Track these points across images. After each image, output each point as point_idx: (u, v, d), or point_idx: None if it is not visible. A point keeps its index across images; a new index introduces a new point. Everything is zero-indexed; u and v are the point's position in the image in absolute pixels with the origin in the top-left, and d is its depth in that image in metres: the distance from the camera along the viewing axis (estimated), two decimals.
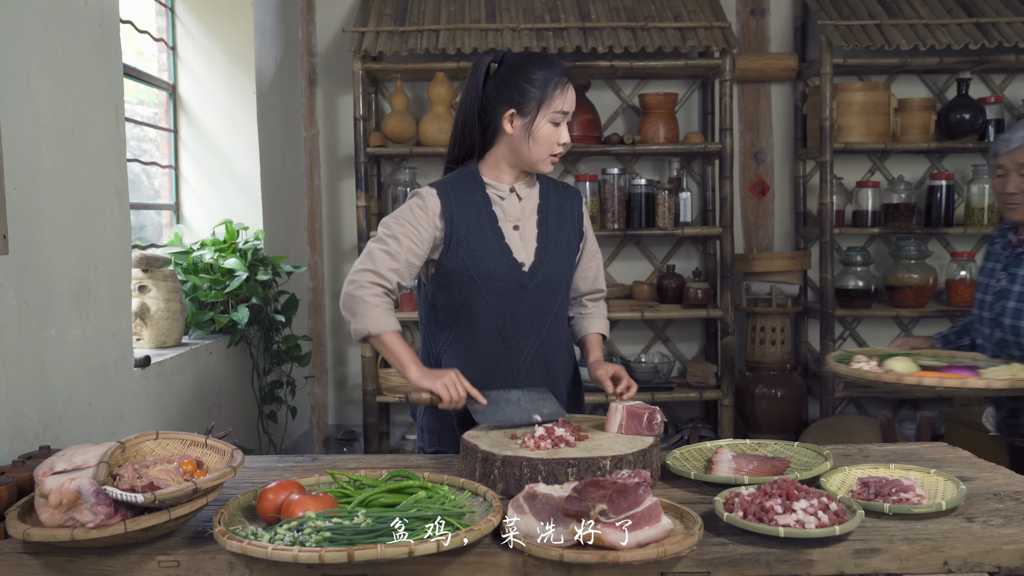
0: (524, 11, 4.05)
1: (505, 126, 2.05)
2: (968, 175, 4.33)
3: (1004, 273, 2.51)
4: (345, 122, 4.41)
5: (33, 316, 1.98)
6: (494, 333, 2.09)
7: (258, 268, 3.37)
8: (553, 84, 2.01)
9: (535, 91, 2.01)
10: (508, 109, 2.03)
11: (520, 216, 2.12)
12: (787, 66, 4.33)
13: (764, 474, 1.79)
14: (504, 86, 2.03)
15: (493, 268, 2.06)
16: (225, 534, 1.41)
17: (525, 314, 2.09)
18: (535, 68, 2.02)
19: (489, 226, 2.08)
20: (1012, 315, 2.44)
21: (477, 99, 2.07)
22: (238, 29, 3.60)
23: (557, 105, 2.01)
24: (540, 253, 2.10)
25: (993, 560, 1.46)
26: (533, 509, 1.47)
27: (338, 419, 4.56)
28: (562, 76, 2.03)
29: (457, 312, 2.10)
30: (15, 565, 1.49)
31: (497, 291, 2.06)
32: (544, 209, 2.14)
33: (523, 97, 2.01)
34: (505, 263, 2.07)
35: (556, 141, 2.04)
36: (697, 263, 4.46)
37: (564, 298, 2.18)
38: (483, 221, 2.07)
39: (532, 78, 2.01)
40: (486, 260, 2.05)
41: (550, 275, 2.11)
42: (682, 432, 4.25)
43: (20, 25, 1.96)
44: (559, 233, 2.14)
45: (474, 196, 2.09)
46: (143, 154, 3.44)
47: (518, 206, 2.12)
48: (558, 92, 2.01)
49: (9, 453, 1.88)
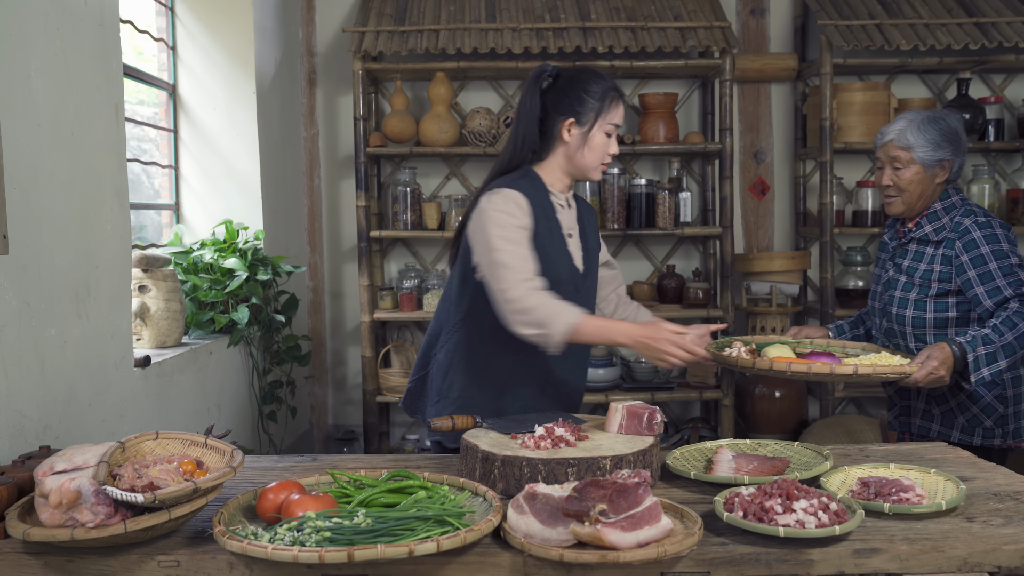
0: (524, 11, 4.05)
1: (563, 134, 2.15)
2: (968, 175, 4.33)
3: (891, 264, 2.56)
4: (345, 122, 4.41)
5: (33, 316, 1.98)
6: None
7: (258, 268, 3.37)
8: (610, 97, 2.14)
9: (594, 102, 2.13)
10: (568, 118, 2.14)
11: (571, 225, 2.24)
12: (787, 66, 4.33)
13: (764, 474, 1.79)
14: (564, 97, 2.14)
15: (559, 271, 2.16)
16: (225, 534, 1.41)
17: None
18: (593, 81, 2.15)
19: (556, 231, 2.19)
20: (898, 304, 2.50)
21: (537, 109, 2.16)
22: (238, 29, 3.60)
23: (612, 117, 2.15)
24: (587, 260, 2.25)
25: (993, 560, 1.46)
26: (533, 509, 1.47)
27: (338, 419, 4.56)
28: (616, 91, 2.17)
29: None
30: (15, 565, 1.49)
31: (559, 293, 2.06)
32: (580, 220, 2.29)
33: (582, 107, 2.13)
34: (567, 267, 2.19)
35: (607, 151, 2.17)
36: (697, 263, 4.46)
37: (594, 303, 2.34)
38: (552, 226, 2.18)
39: (591, 90, 2.14)
40: (557, 263, 2.16)
41: (594, 279, 2.30)
42: (682, 432, 4.25)
43: (20, 25, 1.96)
44: (593, 242, 2.31)
45: (544, 201, 2.18)
46: (143, 154, 3.44)
47: (568, 215, 2.24)
48: (613, 105, 2.15)
49: (9, 453, 1.88)
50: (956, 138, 2.43)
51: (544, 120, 2.16)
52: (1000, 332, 2.26)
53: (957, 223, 2.42)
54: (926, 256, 2.46)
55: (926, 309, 2.44)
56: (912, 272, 2.47)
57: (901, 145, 2.43)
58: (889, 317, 2.53)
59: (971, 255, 2.37)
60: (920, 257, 2.47)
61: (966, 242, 2.38)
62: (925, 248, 2.47)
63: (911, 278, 2.47)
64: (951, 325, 2.43)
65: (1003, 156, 4.36)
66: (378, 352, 4.16)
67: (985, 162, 4.32)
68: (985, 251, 2.36)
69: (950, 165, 2.44)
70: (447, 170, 4.37)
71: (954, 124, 2.44)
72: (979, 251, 2.36)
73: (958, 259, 2.39)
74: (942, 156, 2.42)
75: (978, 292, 2.35)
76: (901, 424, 2.58)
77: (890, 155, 2.46)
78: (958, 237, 2.40)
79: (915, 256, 2.49)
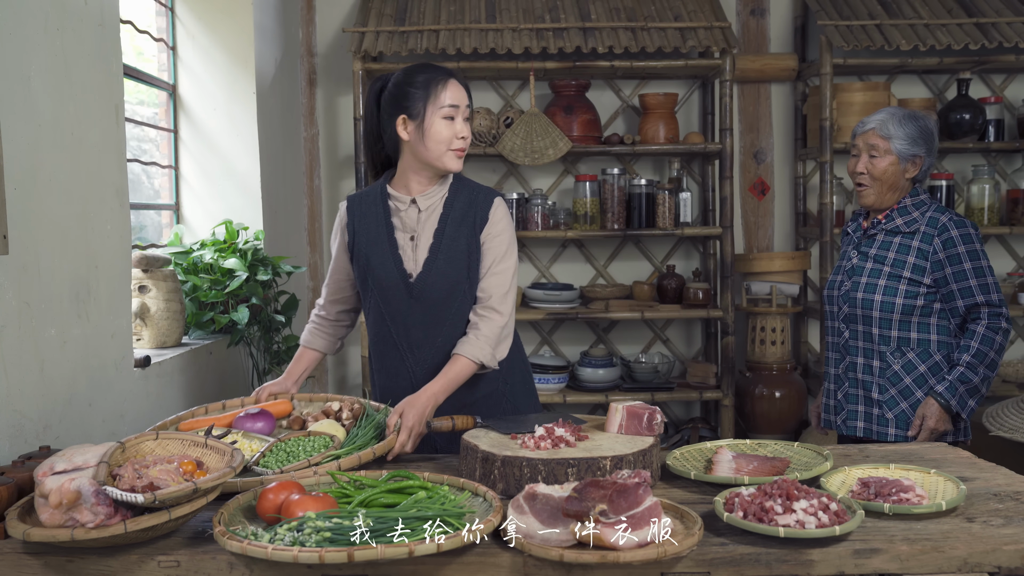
0: (524, 11, 4.05)
1: (401, 133, 2.15)
2: (968, 175, 4.33)
3: (855, 252, 2.63)
4: (345, 122, 4.41)
5: (33, 316, 1.98)
6: (390, 340, 2.22)
7: (258, 268, 3.37)
8: (435, 82, 2.12)
9: (419, 92, 2.11)
10: (399, 115, 2.14)
11: (416, 228, 2.19)
12: (787, 66, 4.33)
13: (764, 474, 1.79)
14: (392, 98, 2.15)
15: (384, 276, 2.17)
16: (225, 534, 1.41)
17: (416, 322, 2.18)
18: (416, 74, 2.14)
19: (386, 236, 2.19)
20: (865, 289, 2.56)
21: (374, 120, 2.21)
22: (238, 29, 3.60)
23: (443, 100, 2.11)
24: (429, 263, 2.15)
25: (993, 560, 1.46)
26: (533, 509, 1.47)
27: None
28: (444, 75, 2.13)
29: (366, 316, 2.27)
30: (15, 565, 1.49)
31: (389, 299, 2.19)
32: (444, 218, 2.18)
33: (409, 101, 2.12)
34: (396, 272, 2.17)
35: (454, 135, 2.12)
36: (697, 263, 4.46)
37: (461, 307, 2.16)
38: (381, 231, 2.20)
39: (415, 82, 2.13)
40: (378, 269, 2.18)
41: (436, 284, 2.14)
42: (682, 432, 4.25)
43: (20, 25, 1.96)
44: (454, 241, 2.15)
45: (377, 207, 2.22)
46: (143, 154, 3.44)
47: (415, 217, 2.19)
48: (441, 87, 2.11)
49: (9, 453, 1.88)
50: (931, 138, 2.55)
51: (384, 128, 2.18)
52: (974, 369, 2.44)
53: (932, 218, 2.52)
54: (895, 245, 2.55)
55: (896, 295, 2.52)
56: (881, 259, 2.55)
57: (881, 134, 2.53)
58: (853, 302, 2.59)
59: (948, 253, 2.48)
60: (888, 246, 2.56)
61: (944, 240, 2.48)
62: (894, 238, 2.56)
63: (880, 264, 2.55)
64: (916, 314, 2.52)
65: (1003, 156, 4.36)
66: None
67: (985, 162, 4.32)
68: (961, 251, 2.47)
69: (921, 163, 2.55)
70: None
71: (931, 126, 2.56)
72: (956, 250, 2.47)
73: (936, 255, 2.49)
74: (916, 152, 2.53)
75: (953, 289, 2.48)
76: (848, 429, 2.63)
77: (869, 143, 2.55)
78: (936, 233, 2.50)
79: (883, 245, 2.57)
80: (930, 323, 2.52)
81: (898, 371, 2.53)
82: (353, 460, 1.82)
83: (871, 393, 2.57)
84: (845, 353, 2.63)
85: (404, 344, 2.19)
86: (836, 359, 2.67)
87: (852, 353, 2.61)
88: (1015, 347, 4.46)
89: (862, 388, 2.59)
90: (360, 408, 2.11)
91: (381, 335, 2.22)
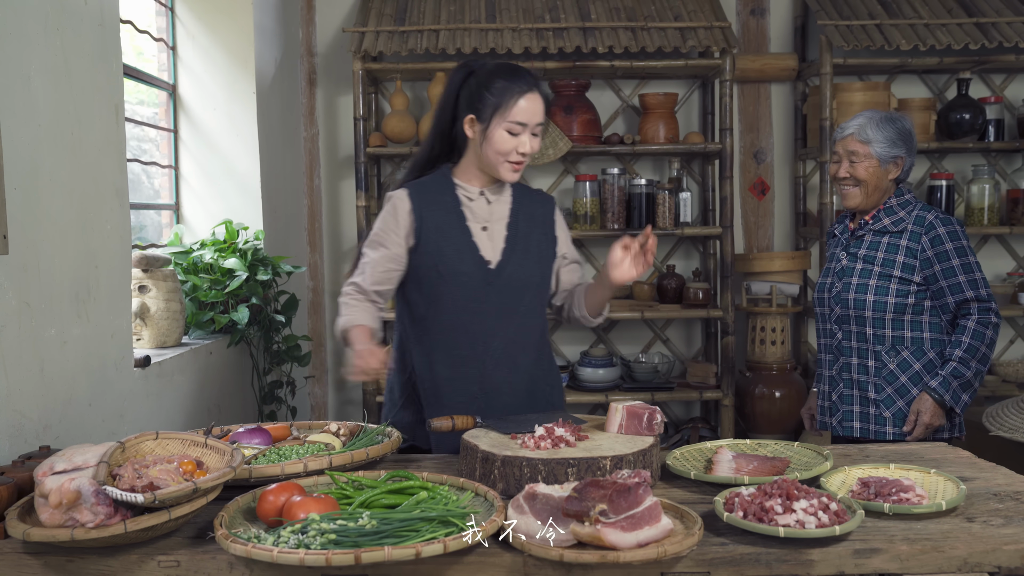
0: (524, 11, 4.05)
1: (467, 131, 2.14)
2: (968, 175, 4.33)
3: (844, 254, 2.66)
4: (345, 122, 4.41)
5: (33, 316, 1.98)
6: (460, 328, 2.16)
7: (258, 268, 3.37)
8: (511, 93, 2.08)
9: (492, 99, 2.09)
10: (468, 114, 2.13)
11: (488, 218, 2.20)
12: (787, 66, 4.33)
13: (764, 474, 1.79)
14: (468, 95, 2.13)
15: (460, 264, 2.14)
16: (228, 537, 1.41)
17: (491, 311, 2.16)
18: (498, 78, 2.10)
19: (457, 224, 2.17)
20: (856, 290, 2.58)
21: (451, 107, 2.17)
22: (238, 29, 3.60)
23: (512, 115, 2.08)
24: (507, 253, 2.18)
25: (993, 560, 1.46)
26: (533, 509, 1.47)
27: (338, 419, 4.56)
28: (524, 88, 2.09)
29: (427, 307, 2.18)
30: (15, 565, 1.49)
31: (463, 286, 2.15)
32: (516, 213, 2.22)
33: (481, 104, 2.10)
34: (472, 260, 2.15)
35: (515, 149, 2.10)
36: (697, 263, 4.46)
37: (533, 299, 2.23)
38: (451, 220, 2.17)
39: (492, 87, 2.10)
40: (452, 257, 2.14)
41: (516, 274, 2.18)
42: (682, 432, 4.25)
43: (20, 25, 1.96)
44: (528, 237, 2.22)
45: (444, 196, 2.19)
46: (143, 154, 3.44)
47: (487, 208, 2.20)
48: (513, 101, 2.08)
49: (9, 453, 1.88)
50: (910, 139, 2.58)
51: (457, 117, 2.17)
52: (966, 363, 2.48)
53: (919, 217, 2.56)
54: (883, 245, 2.57)
55: (887, 294, 2.54)
56: (871, 259, 2.58)
57: (861, 139, 2.56)
58: (845, 303, 2.60)
59: (936, 251, 2.52)
60: (877, 246, 2.58)
61: (932, 238, 2.52)
62: (883, 238, 2.58)
63: (869, 264, 2.58)
64: (909, 312, 2.55)
65: (1003, 156, 4.36)
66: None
67: (985, 162, 4.32)
68: (949, 248, 2.51)
69: (903, 163, 2.58)
70: None
71: (908, 126, 2.59)
72: (944, 247, 2.51)
73: (924, 253, 2.53)
74: (896, 153, 2.55)
75: (943, 286, 2.52)
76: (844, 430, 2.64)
77: (849, 148, 2.58)
78: (924, 232, 2.54)
79: (871, 245, 2.60)
80: (922, 321, 2.55)
81: (893, 370, 2.55)
82: (345, 458, 1.81)
83: (867, 393, 2.58)
84: (839, 354, 2.64)
85: (476, 331, 2.16)
86: (829, 360, 2.68)
87: (846, 354, 2.62)
88: (1015, 347, 4.46)
89: (858, 388, 2.60)
90: (358, 428, 2.09)
91: (451, 325, 2.16)
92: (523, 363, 2.22)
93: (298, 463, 1.75)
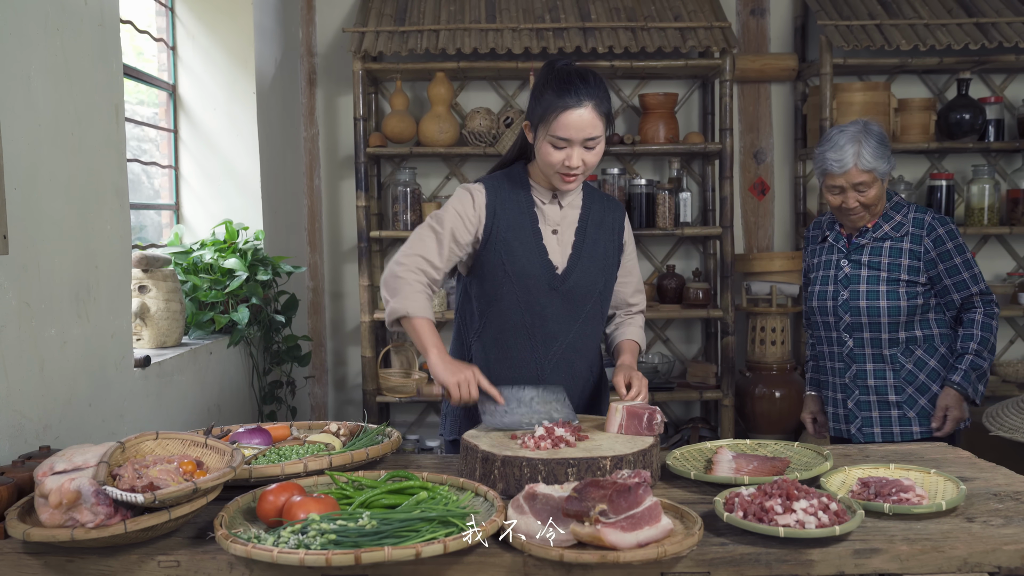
0: (524, 11, 4.05)
1: (528, 136, 2.12)
2: (968, 175, 4.33)
3: (846, 261, 2.64)
4: (345, 122, 4.41)
5: (33, 316, 1.98)
6: (522, 329, 2.14)
7: (258, 268, 3.37)
8: (554, 109, 1.99)
9: (539, 110, 2.04)
10: (526, 120, 2.11)
11: (559, 222, 2.17)
12: (787, 66, 4.33)
13: (764, 474, 1.79)
14: (531, 97, 2.10)
15: (528, 266, 2.12)
16: (228, 537, 1.41)
17: (554, 315, 2.14)
18: (547, 89, 2.03)
19: (529, 226, 2.14)
20: (867, 297, 2.58)
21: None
22: (238, 29, 3.60)
23: (554, 130, 2.00)
24: (574, 259, 2.16)
25: (993, 560, 1.46)
26: (533, 509, 1.47)
27: (338, 419, 4.56)
28: (570, 103, 1.98)
29: (488, 304, 2.16)
30: (15, 565, 1.49)
31: (529, 288, 2.12)
32: (584, 219, 2.19)
33: (532, 114, 2.07)
34: (540, 263, 2.13)
35: (562, 162, 2.03)
36: (697, 263, 4.46)
37: (595, 306, 2.20)
38: (524, 220, 2.14)
39: (542, 98, 2.03)
40: (522, 258, 2.12)
41: (581, 281, 2.16)
42: (682, 432, 4.25)
43: (20, 25, 1.96)
44: (596, 243, 2.19)
45: (519, 196, 2.16)
46: (143, 154, 3.44)
47: (559, 212, 2.18)
48: (555, 116, 1.99)
49: (9, 453, 1.88)
50: (886, 140, 2.58)
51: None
52: (981, 355, 2.55)
53: (916, 219, 2.59)
54: (885, 250, 2.59)
55: (899, 298, 2.56)
56: (876, 265, 2.59)
57: (864, 168, 2.49)
58: (856, 311, 2.60)
59: (939, 251, 2.56)
60: (880, 251, 2.60)
61: (934, 239, 2.56)
62: (884, 243, 2.60)
63: (876, 271, 2.59)
64: (918, 313, 2.58)
65: (1003, 156, 4.36)
66: (378, 352, 4.16)
67: (985, 162, 4.32)
68: (950, 247, 2.56)
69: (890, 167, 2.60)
70: (447, 170, 4.37)
71: (879, 128, 2.57)
72: (945, 247, 2.56)
73: (928, 255, 2.56)
74: (889, 162, 2.55)
75: (947, 284, 2.57)
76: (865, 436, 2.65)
77: (853, 181, 2.50)
78: (924, 233, 2.57)
79: (874, 251, 2.60)
80: (930, 319, 2.60)
81: (911, 369, 2.58)
82: (345, 458, 1.81)
83: (887, 397, 2.59)
84: (851, 362, 2.64)
85: (538, 334, 2.14)
86: (840, 368, 2.67)
87: (859, 361, 2.62)
88: (1015, 347, 4.46)
89: (875, 394, 2.60)
90: (358, 428, 2.10)
91: (512, 324, 2.14)
92: (580, 369, 2.22)
93: (298, 463, 1.76)
